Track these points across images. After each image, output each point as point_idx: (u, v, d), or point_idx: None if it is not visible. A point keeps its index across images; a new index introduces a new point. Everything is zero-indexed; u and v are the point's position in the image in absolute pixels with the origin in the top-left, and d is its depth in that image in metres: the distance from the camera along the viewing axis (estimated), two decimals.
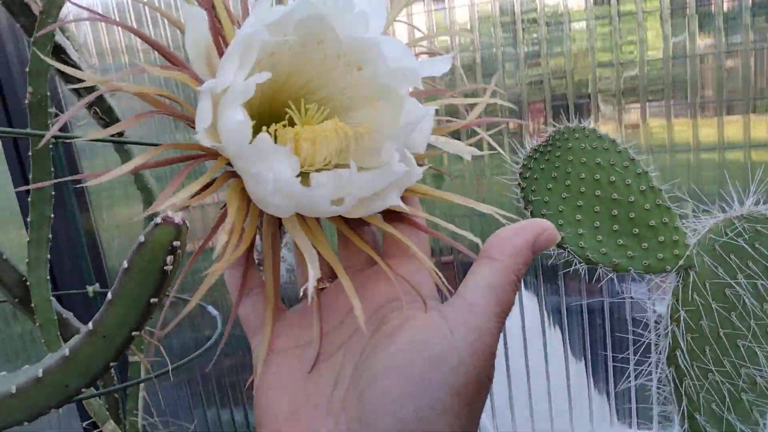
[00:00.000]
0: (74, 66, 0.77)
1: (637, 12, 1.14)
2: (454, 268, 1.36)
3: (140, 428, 0.93)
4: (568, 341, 1.30)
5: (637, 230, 0.62)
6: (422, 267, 0.40)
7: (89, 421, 1.06)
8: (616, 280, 0.64)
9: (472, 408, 0.34)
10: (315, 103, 0.40)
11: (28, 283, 0.76)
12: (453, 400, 0.32)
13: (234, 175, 0.38)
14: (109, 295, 0.36)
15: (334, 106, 0.41)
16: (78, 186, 1.28)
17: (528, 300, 1.32)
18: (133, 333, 0.36)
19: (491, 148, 0.45)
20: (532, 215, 0.62)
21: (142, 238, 0.34)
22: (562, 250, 0.61)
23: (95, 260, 1.28)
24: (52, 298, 0.78)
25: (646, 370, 0.66)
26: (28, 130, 0.67)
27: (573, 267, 0.62)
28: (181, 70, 0.38)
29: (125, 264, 0.35)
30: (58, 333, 0.78)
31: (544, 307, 1.31)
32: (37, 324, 0.76)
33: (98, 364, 0.38)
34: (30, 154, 0.73)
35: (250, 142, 0.34)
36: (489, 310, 0.35)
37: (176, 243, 0.34)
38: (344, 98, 0.41)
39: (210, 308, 0.90)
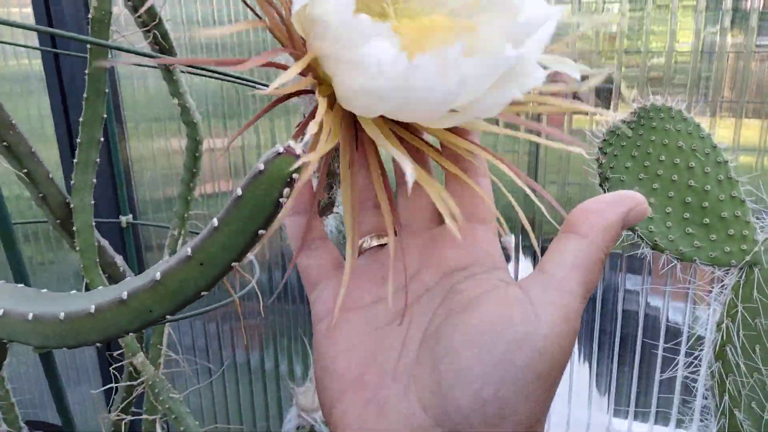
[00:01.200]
0: None
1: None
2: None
3: (161, 363, 0.93)
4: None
5: (707, 220, 0.60)
6: (493, 231, 0.37)
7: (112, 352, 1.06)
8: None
9: (552, 392, 0.32)
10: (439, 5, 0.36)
11: (71, 206, 0.75)
12: (536, 385, 0.31)
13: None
14: (215, 222, 0.34)
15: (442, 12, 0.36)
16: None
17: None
18: (233, 263, 0.35)
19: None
20: (607, 192, 0.60)
21: (261, 166, 0.32)
22: (631, 233, 0.60)
23: (128, 193, 1.27)
24: (93, 223, 0.77)
25: (693, 362, 0.66)
26: (96, 40, 0.65)
27: (639, 251, 0.60)
28: None
29: (238, 191, 0.33)
30: (96, 259, 0.77)
31: None
32: (77, 249, 0.75)
33: (189, 291, 0.37)
34: (87, 72, 0.71)
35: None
36: (576, 291, 0.33)
37: (295, 175, 0.32)
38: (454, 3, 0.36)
39: (252, 257, 0.89)
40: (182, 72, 0.84)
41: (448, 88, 0.31)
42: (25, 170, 0.71)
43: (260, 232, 0.34)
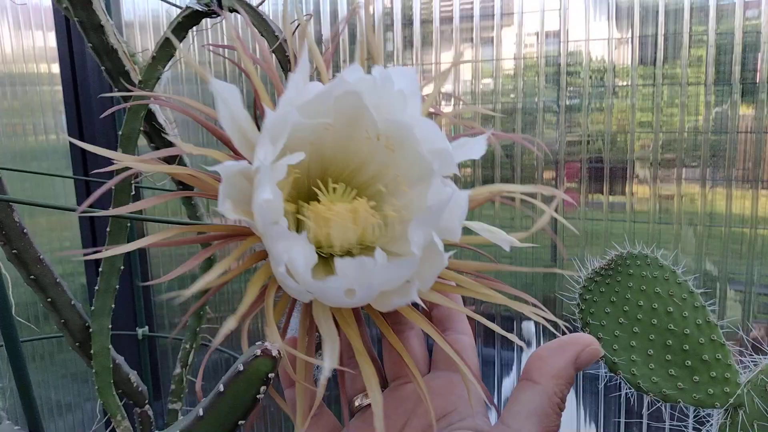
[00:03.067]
0: (162, 130, 0.82)
1: (681, 79, 1.14)
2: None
3: None
4: None
5: (689, 362, 0.62)
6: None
7: None
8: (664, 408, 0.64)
9: None
10: (347, 185, 0.39)
11: (90, 330, 0.80)
12: None
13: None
14: (200, 412, 0.38)
15: (378, 188, 0.39)
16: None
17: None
18: None
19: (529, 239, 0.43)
20: None
21: (240, 367, 0.36)
22: (614, 375, 0.62)
23: (146, 304, 1.33)
24: (110, 346, 0.82)
25: None
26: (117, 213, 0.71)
27: (623, 392, 0.62)
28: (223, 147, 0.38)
29: (220, 386, 0.37)
30: (111, 381, 0.81)
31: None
32: (93, 370, 0.80)
33: None
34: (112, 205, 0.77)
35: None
36: None
37: (271, 375, 0.36)
38: (389, 180, 0.39)
39: None
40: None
41: (359, 296, 0.34)
42: (49, 299, 0.77)
43: (240, 422, 0.38)
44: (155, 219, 0.93)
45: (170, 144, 0.83)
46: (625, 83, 1.19)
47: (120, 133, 0.75)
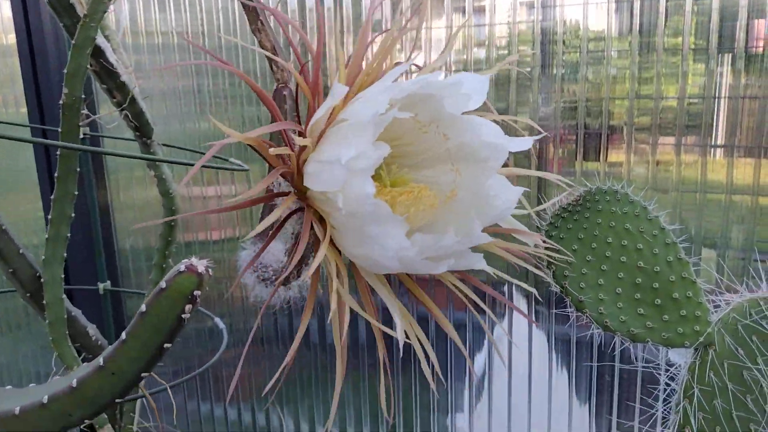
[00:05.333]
0: (112, 68, 0.77)
1: (683, 47, 1.11)
2: None
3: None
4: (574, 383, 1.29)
5: (659, 301, 0.60)
6: None
7: None
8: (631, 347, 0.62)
9: None
10: (402, 158, 0.46)
11: (42, 280, 0.76)
12: None
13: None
14: (124, 335, 0.35)
15: (417, 161, 0.47)
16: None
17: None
18: (143, 374, 0.36)
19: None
20: (554, 276, 0.61)
21: (163, 284, 0.33)
22: (581, 314, 0.60)
23: (109, 258, 1.29)
24: (64, 296, 0.78)
25: None
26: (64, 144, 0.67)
27: (589, 332, 0.60)
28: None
29: (143, 307, 0.34)
30: (66, 332, 0.78)
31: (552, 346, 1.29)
32: (47, 321, 0.76)
33: (104, 399, 0.37)
34: (58, 153, 0.74)
35: None
36: None
37: (197, 292, 0.33)
38: (426, 156, 0.47)
39: (217, 320, 0.90)
40: (165, 162, 0.87)
41: (440, 264, 0.42)
42: None
43: (166, 345, 0.35)
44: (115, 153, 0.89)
45: (123, 85, 0.78)
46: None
47: (65, 71, 0.70)
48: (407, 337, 0.43)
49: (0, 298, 1.39)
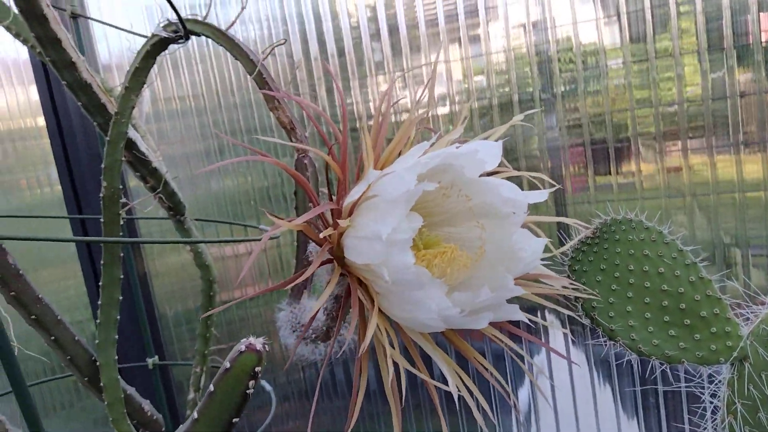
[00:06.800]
0: (144, 158, 0.83)
1: (673, 49, 1.14)
2: None
3: None
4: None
5: (688, 321, 0.62)
6: None
7: None
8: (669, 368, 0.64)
9: None
10: (430, 217, 0.50)
11: (97, 363, 0.80)
12: None
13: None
14: (195, 414, 0.39)
15: (444, 218, 0.51)
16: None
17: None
18: None
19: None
20: (583, 308, 0.63)
21: (227, 364, 0.37)
22: (614, 342, 0.62)
23: (152, 326, 1.34)
24: (119, 377, 0.82)
25: None
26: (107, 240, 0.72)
27: (625, 359, 0.62)
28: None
29: (211, 387, 0.38)
30: (124, 411, 0.82)
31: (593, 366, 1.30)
32: (105, 403, 0.80)
33: None
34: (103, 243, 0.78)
35: None
36: None
37: (258, 368, 0.37)
38: (451, 215, 0.51)
39: (264, 383, 0.93)
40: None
41: (480, 319, 0.45)
42: (53, 337, 0.78)
43: (234, 420, 0.39)
44: (152, 241, 0.94)
45: (155, 171, 0.84)
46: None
47: (103, 165, 0.76)
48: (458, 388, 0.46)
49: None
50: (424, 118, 0.56)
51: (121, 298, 0.81)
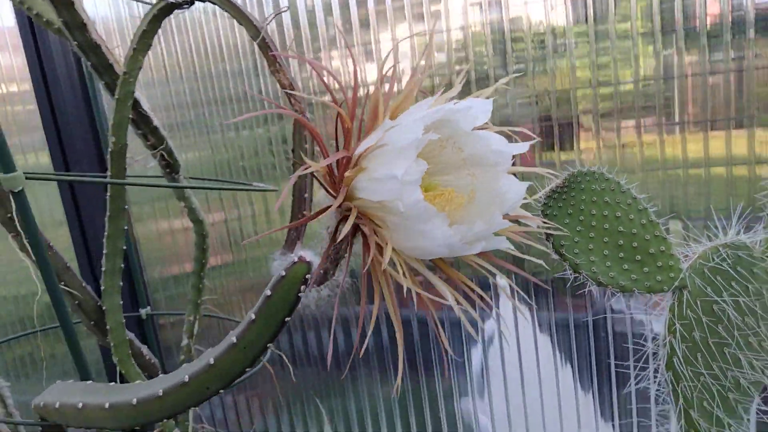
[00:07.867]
0: (147, 116, 0.88)
1: (609, 32, 1.25)
2: None
3: None
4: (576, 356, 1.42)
5: (639, 257, 0.74)
6: None
7: None
8: (622, 298, 0.75)
9: None
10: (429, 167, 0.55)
11: (103, 308, 0.86)
12: None
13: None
14: (252, 315, 0.47)
15: (439, 168, 0.57)
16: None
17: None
18: (268, 345, 0.47)
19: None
20: (553, 246, 0.73)
21: (283, 272, 0.45)
22: (577, 274, 0.73)
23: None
24: (123, 321, 0.88)
25: (647, 375, 0.78)
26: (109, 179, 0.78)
27: (587, 288, 0.73)
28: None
29: (267, 291, 0.46)
30: (129, 352, 0.88)
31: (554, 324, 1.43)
32: (112, 344, 0.86)
33: (237, 370, 0.48)
34: (108, 194, 0.84)
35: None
36: None
37: (308, 276, 0.45)
38: (446, 165, 0.57)
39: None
40: (192, 188, 0.98)
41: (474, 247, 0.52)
42: (63, 282, 0.83)
43: (287, 319, 0.47)
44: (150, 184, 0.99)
45: (156, 129, 0.89)
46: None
47: (111, 122, 0.81)
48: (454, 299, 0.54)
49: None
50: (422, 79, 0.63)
51: (124, 248, 0.87)
